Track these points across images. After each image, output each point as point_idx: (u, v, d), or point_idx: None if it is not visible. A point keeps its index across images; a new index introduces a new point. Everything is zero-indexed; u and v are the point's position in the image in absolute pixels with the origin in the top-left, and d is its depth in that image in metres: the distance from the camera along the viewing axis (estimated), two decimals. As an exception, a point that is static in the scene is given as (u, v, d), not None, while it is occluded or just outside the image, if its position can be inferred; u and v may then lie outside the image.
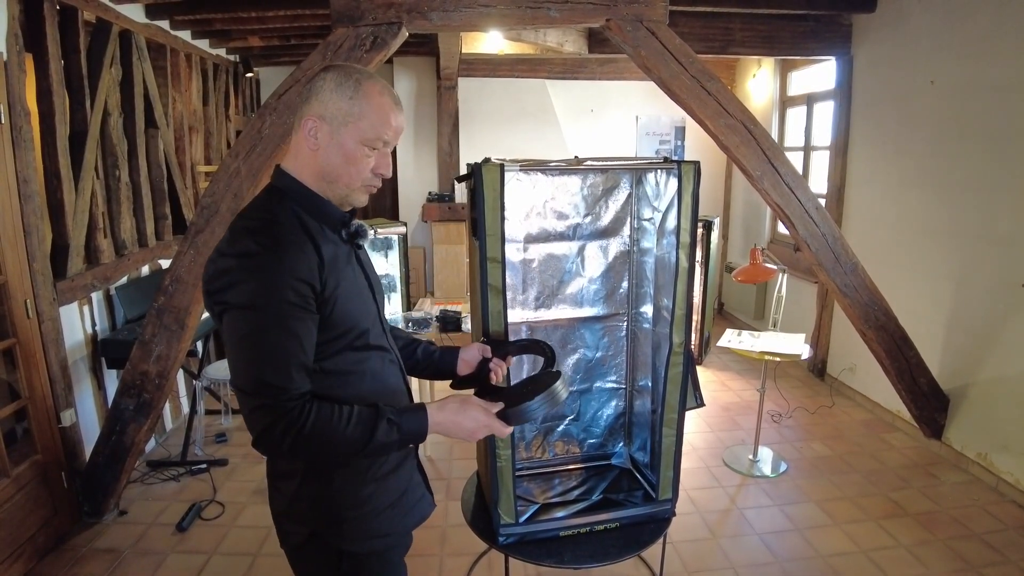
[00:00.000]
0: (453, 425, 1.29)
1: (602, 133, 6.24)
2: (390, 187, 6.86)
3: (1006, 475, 3.34)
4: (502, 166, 1.82)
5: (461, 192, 5.92)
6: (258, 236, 1.16)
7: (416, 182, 6.28)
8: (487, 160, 1.90)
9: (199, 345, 3.98)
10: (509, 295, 2.07)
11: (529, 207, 2.32)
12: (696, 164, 2.00)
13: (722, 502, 3.30)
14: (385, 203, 6.99)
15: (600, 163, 2.18)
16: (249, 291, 1.12)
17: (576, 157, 2.17)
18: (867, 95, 4.39)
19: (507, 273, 1.99)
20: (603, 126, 6.25)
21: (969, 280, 3.57)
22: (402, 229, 5.16)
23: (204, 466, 3.57)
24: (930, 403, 3.71)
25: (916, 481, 3.49)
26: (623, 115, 6.25)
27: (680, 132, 6.25)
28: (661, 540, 2.25)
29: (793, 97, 5.50)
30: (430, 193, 6.08)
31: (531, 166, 2.15)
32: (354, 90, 1.22)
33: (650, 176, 2.26)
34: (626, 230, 2.42)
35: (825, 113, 4.93)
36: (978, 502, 3.28)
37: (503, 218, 1.83)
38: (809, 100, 5.17)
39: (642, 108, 6.23)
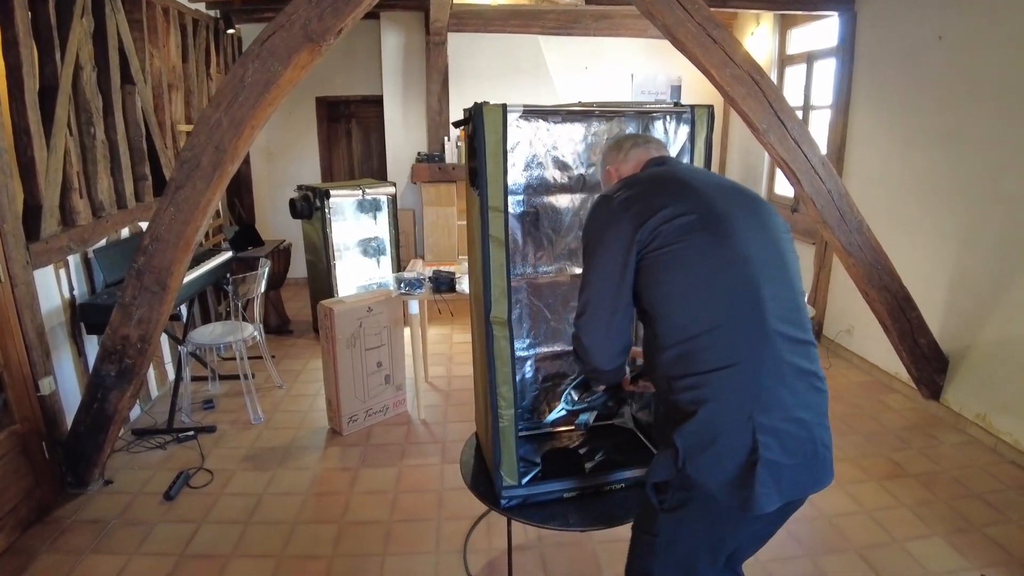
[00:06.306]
0: None
1: (597, 91, 6.05)
2: (378, 148, 6.68)
3: (1005, 435, 3.32)
4: (504, 106, 1.69)
5: (452, 152, 5.75)
6: None
7: (404, 142, 6.08)
8: (485, 103, 1.77)
9: (183, 309, 3.85)
10: (508, 250, 1.95)
11: (530, 156, 2.19)
12: (710, 108, 1.89)
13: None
14: (372, 164, 6.81)
15: (607, 108, 2.05)
16: None
17: (580, 103, 2.05)
18: (871, 52, 4.26)
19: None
20: (598, 84, 6.07)
21: (974, 240, 3.50)
22: (391, 190, 5.02)
23: (191, 433, 3.47)
24: (930, 364, 3.67)
25: (916, 442, 3.47)
26: (618, 73, 6.07)
27: (676, 91, 6.09)
28: (667, 502, 2.19)
29: (793, 56, 5.35)
30: (419, 153, 5.89)
31: (534, 110, 2.01)
32: None
33: (658, 123, 2.14)
34: (631, 182, 2.31)
35: (825, 72, 4.80)
36: (977, 463, 3.26)
37: (506, 164, 1.70)
38: (809, 58, 5.03)
39: (637, 66, 6.06)
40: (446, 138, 5.81)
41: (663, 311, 1.39)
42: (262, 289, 3.90)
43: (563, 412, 2.03)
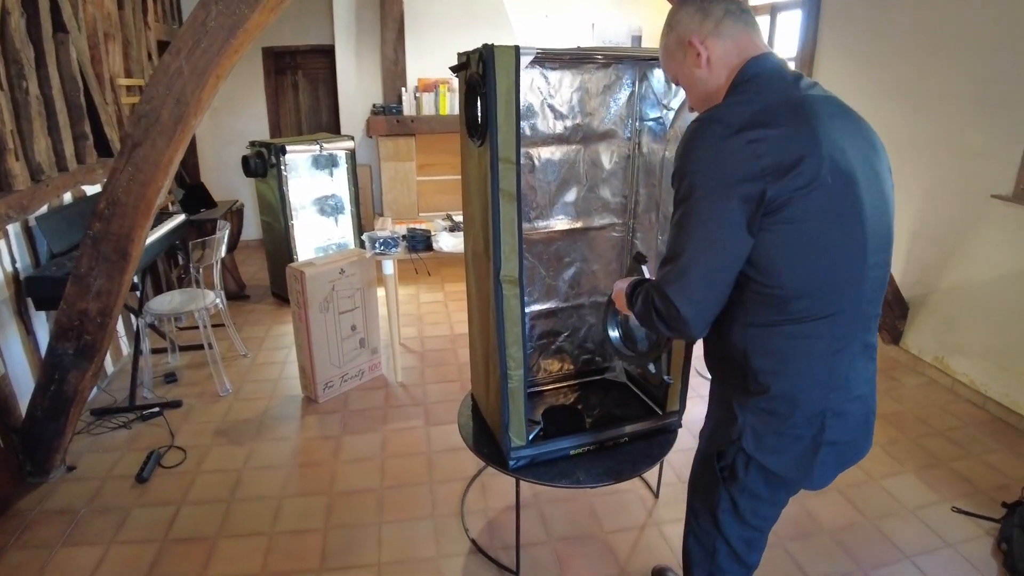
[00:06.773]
0: None
1: (557, 41, 5.89)
2: (327, 100, 6.36)
3: (961, 376, 3.49)
4: (517, 47, 1.58)
5: (409, 104, 5.52)
6: None
7: (359, 93, 5.78)
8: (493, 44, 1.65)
9: (136, 278, 3.59)
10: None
11: (525, 105, 2.09)
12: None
13: (703, 411, 3.30)
14: (321, 118, 6.49)
15: (611, 53, 1.96)
16: None
17: (579, 47, 1.95)
18: (838, 4, 4.25)
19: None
20: (558, 33, 5.89)
21: (937, 191, 3.59)
22: (350, 144, 4.80)
23: (156, 410, 3.28)
24: (892, 311, 3.80)
25: (880, 384, 3.55)
26: (579, 22, 5.90)
27: (637, 41, 5.99)
28: (660, 454, 2.20)
29: (755, 6, 5.31)
30: (375, 106, 5.63)
31: (545, 52, 1.89)
32: None
33: (657, 72, 2.07)
34: (628, 133, 2.24)
35: (789, 23, 4.79)
36: (937, 402, 3.42)
37: (519, 111, 1.60)
38: (773, 10, 5.01)
39: (598, 15, 5.90)
40: (403, 89, 5.56)
41: (764, 284, 1.18)
42: (222, 253, 3.68)
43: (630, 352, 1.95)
